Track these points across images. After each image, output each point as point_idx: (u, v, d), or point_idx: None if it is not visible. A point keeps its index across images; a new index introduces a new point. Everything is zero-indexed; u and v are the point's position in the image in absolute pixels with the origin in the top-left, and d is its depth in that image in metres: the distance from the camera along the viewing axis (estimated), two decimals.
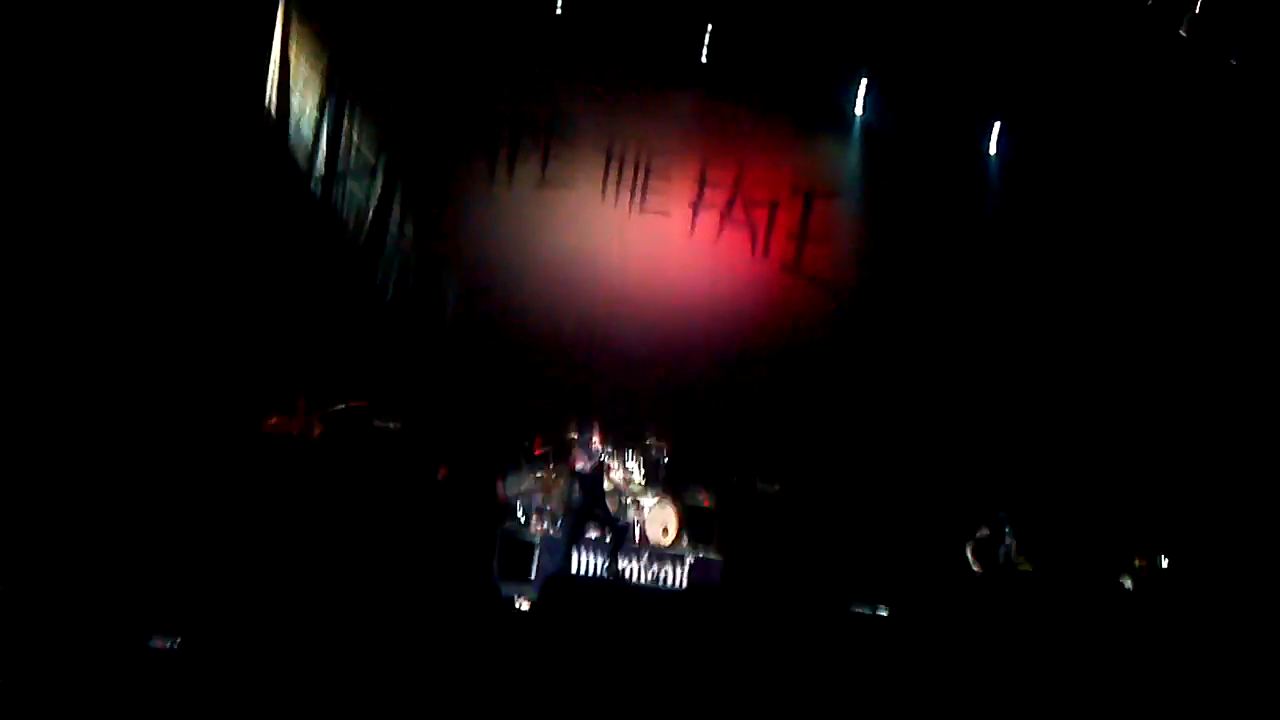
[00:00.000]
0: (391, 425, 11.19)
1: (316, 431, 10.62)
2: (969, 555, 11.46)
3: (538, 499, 11.72)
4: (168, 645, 6.51)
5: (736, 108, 13.45)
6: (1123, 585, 11.72)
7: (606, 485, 11.72)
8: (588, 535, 11.41)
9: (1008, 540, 11.49)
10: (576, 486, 11.15)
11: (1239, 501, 12.40)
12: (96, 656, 5.99)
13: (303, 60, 11.96)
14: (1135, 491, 12.72)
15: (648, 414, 12.65)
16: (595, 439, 11.37)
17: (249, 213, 11.33)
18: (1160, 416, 12.98)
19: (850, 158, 13.90)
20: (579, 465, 11.09)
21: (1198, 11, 11.19)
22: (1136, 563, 11.98)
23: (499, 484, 11.00)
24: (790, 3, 12.91)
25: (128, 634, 6.39)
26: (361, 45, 12.21)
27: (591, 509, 11.19)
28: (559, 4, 12.66)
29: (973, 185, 13.77)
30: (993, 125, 13.78)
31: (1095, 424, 13.00)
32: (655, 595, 10.45)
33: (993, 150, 13.83)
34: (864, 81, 13.63)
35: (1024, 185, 13.59)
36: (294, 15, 11.92)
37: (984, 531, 11.53)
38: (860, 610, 10.43)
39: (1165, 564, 11.97)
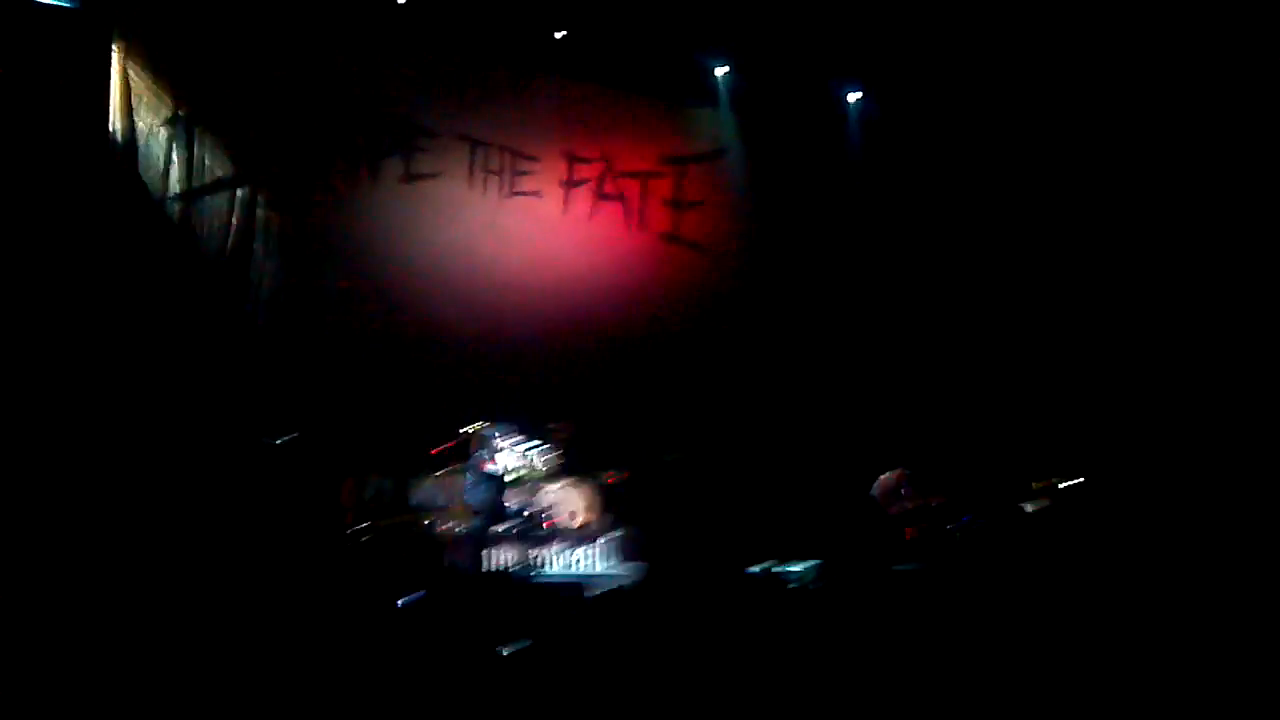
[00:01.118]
0: (280, 440, 10.83)
1: None
2: (878, 502, 11.61)
3: (439, 498, 11.46)
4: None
5: (598, 85, 13.40)
6: (1023, 510, 11.95)
7: (509, 477, 11.55)
8: (496, 531, 11.21)
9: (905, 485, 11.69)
10: (478, 484, 10.98)
11: (1126, 415, 12.74)
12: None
13: (144, 79, 11.42)
14: (1026, 417, 13.00)
15: (545, 400, 12.50)
16: (492, 434, 11.18)
17: (104, 240, 10.85)
18: (1035, 341, 13.29)
19: (718, 123, 13.98)
20: (485, 465, 10.92)
21: None
22: (1034, 485, 12.23)
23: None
24: None
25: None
26: (202, 58, 11.69)
27: (495, 505, 11.01)
28: None
29: (838, 140, 13.95)
30: (854, 86, 14.05)
31: (979, 357, 13.25)
32: (570, 584, 10.27)
33: (853, 107, 14.08)
34: (726, 49, 13.67)
35: (888, 138, 13.80)
36: (130, 35, 11.37)
37: (889, 479, 11.68)
38: (772, 570, 10.42)
39: (1063, 485, 12.23)
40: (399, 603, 8.72)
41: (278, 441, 10.71)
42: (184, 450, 10.41)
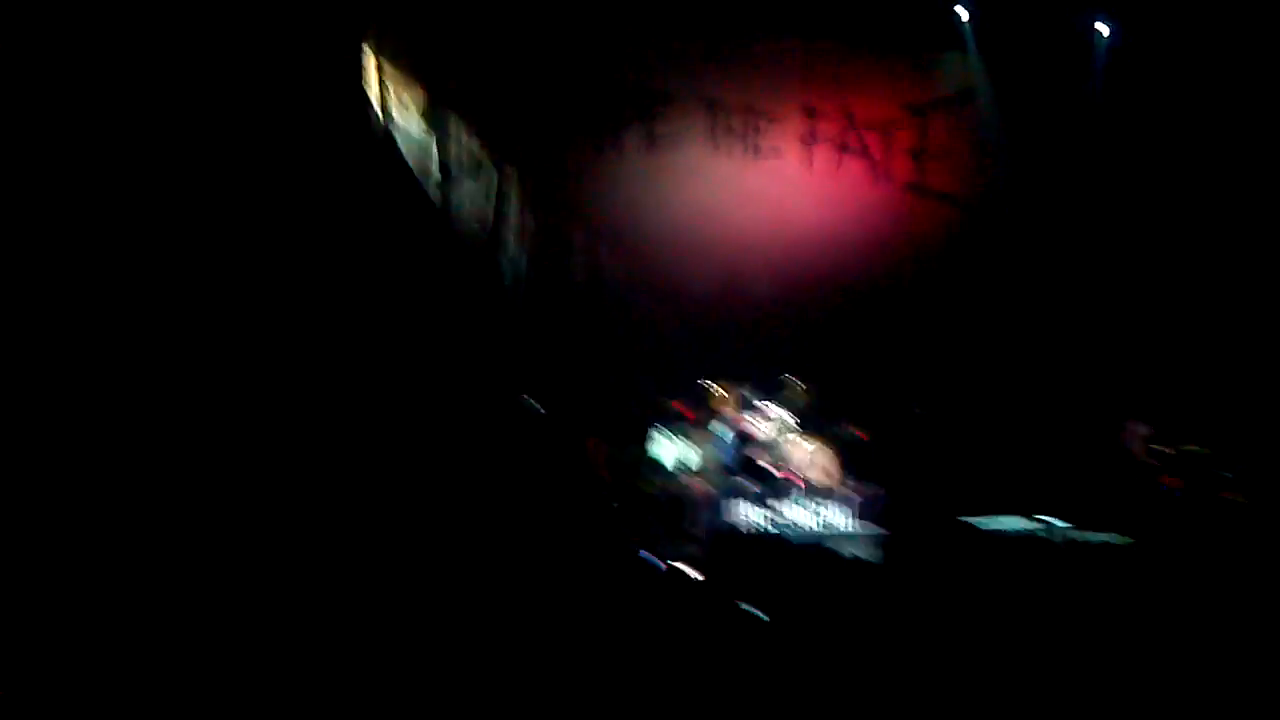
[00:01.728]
0: (536, 404, 11.35)
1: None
2: (1133, 452, 11.27)
3: (693, 459, 11.70)
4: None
5: (836, 39, 13.25)
6: None
7: (761, 436, 11.68)
8: (746, 489, 11.40)
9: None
10: (729, 443, 11.19)
11: None
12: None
13: (397, 69, 12.09)
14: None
15: (790, 357, 12.54)
16: (745, 395, 11.37)
17: (377, 226, 11.57)
18: None
19: (961, 68, 13.56)
20: (739, 424, 11.12)
21: None
22: None
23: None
24: None
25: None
26: (448, 44, 12.23)
27: (746, 463, 11.21)
28: None
29: (1087, 81, 13.29)
30: (1103, 24, 13.36)
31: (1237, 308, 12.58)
32: (820, 543, 10.37)
33: (1102, 44, 13.37)
34: None
35: (1138, 83, 13.14)
36: (382, 26, 12.02)
37: (1138, 427, 11.28)
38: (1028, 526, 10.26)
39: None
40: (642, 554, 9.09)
41: (531, 403, 11.24)
42: (455, 417, 11.03)
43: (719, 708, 6.03)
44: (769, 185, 13.30)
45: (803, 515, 11.16)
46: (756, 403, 11.94)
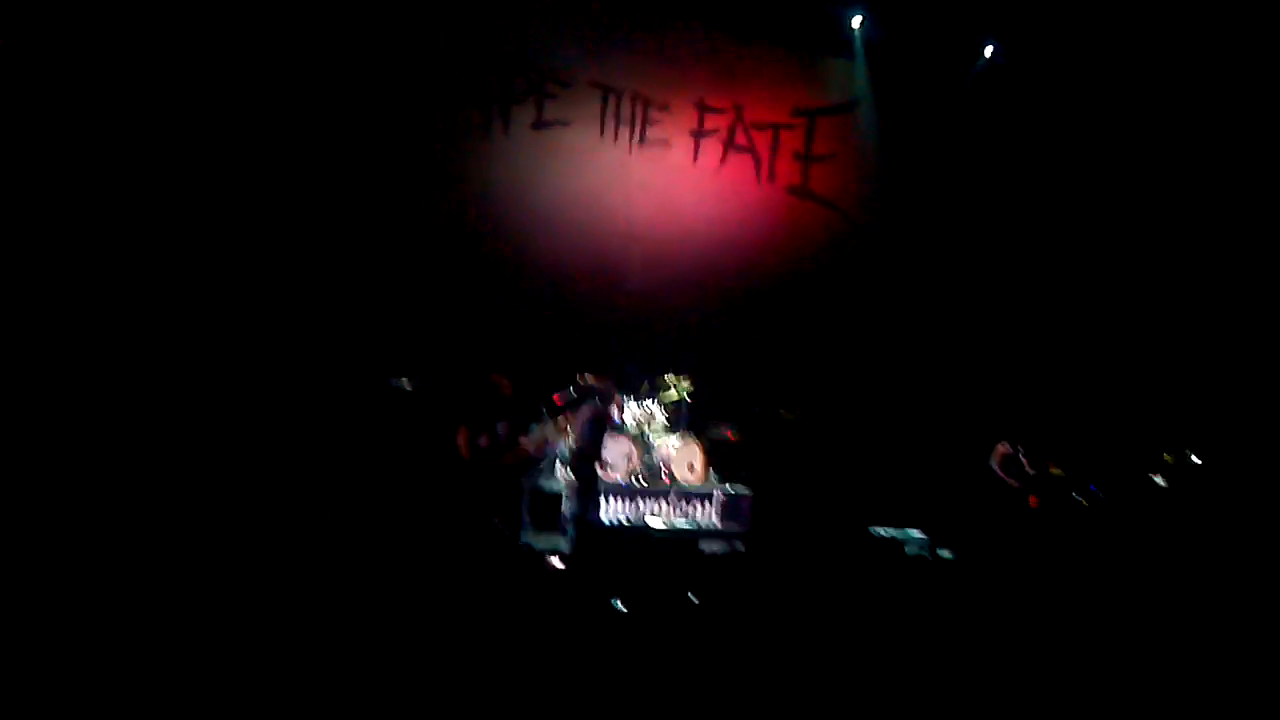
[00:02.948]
0: (406, 384, 11.09)
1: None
2: (997, 471, 11.49)
3: (560, 447, 11.55)
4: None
5: (732, 35, 13.18)
6: (1155, 482, 11.70)
7: (628, 426, 11.69)
8: (609, 482, 11.34)
9: (1023, 452, 11.54)
10: (595, 433, 11.08)
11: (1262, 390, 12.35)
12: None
13: None
14: (1157, 388, 12.67)
15: (666, 351, 12.51)
16: (600, 385, 11.28)
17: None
18: (1171, 309, 12.98)
19: (850, 76, 13.66)
20: (603, 414, 11.01)
21: None
22: (1166, 458, 11.94)
23: (522, 439, 10.87)
24: None
25: None
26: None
27: (590, 456, 11.15)
28: None
29: (967, 98, 13.54)
30: (986, 43, 13.61)
31: (1110, 327, 12.89)
32: (681, 538, 10.36)
33: (985, 64, 13.65)
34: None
35: (1019, 98, 13.40)
36: None
37: (1005, 447, 11.50)
38: (884, 534, 10.40)
39: (1195, 459, 11.93)
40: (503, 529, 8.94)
41: (401, 384, 10.99)
42: (323, 397, 10.90)
43: (574, 695, 5.96)
44: (655, 176, 13.20)
45: (667, 511, 11.33)
46: (626, 397, 11.89)
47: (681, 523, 11.24)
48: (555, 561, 9.38)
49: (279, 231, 11.33)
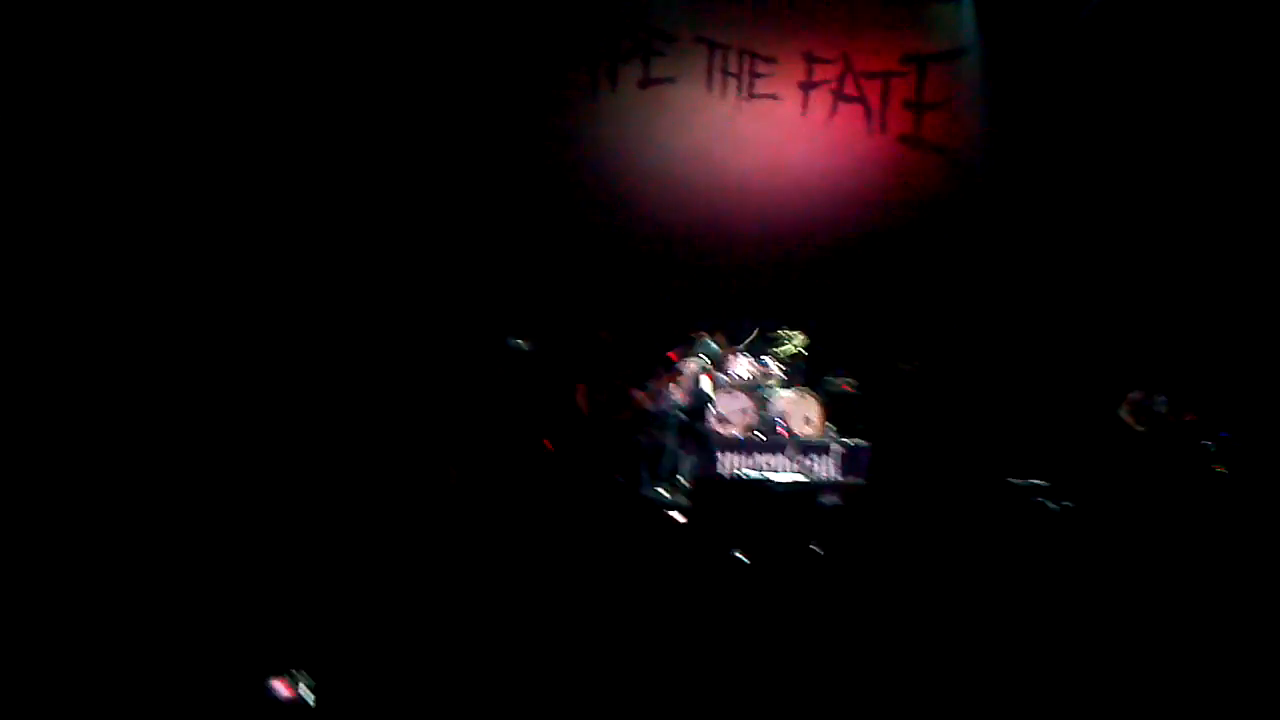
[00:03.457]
0: (523, 344, 11.24)
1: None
2: (1126, 418, 11.23)
3: (675, 402, 11.65)
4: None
5: None
6: None
7: (741, 379, 11.78)
8: (727, 436, 11.37)
9: (1160, 399, 11.23)
10: (710, 391, 11.16)
11: None
12: None
13: None
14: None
15: (781, 305, 12.52)
16: (708, 341, 11.43)
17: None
18: None
19: (960, 19, 13.33)
20: (723, 371, 11.11)
21: None
22: None
23: (638, 394, 10.95)
24: None
25: None
26: None
27: (701, 410, 11.19)
28: None
29: (1083, 36, 13.00)
30: None
31: (1245, 272, 12.42)
32: (800, 491, 10.38)
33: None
34: None
35: (1139, 33, 12.80)
36: None
37: (1136, 394, 11.23)
38: (1018, 483, 10.19)
39: None
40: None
41: (518, 345, 11.16)
42: (447, 358, 11.18)
43: (700, 649, 5.93)
44: (763, 130, 13.14)
45: (785, 463, 11.30)
46: (742, 351, 11.99)
47: (799, 476, 11.19)
48: (675, 515, 9.42)
49: (394, 195, 11.61)
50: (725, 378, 11.81)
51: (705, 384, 11.41)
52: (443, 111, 11.93)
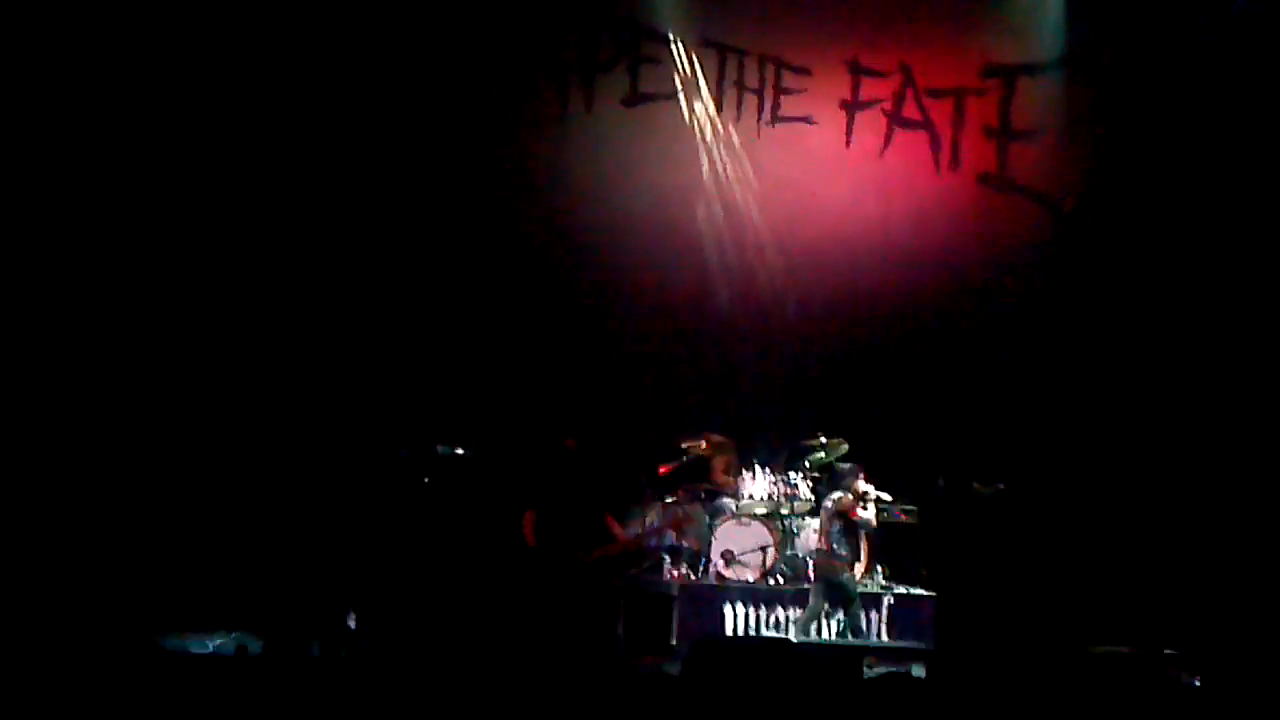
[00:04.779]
0: (458, 451, 11.34)
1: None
2: None
3: (670, 536, 11.80)
4: None
5: None
6: None
7: (759, 507, 11.94)
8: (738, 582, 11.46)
9: None
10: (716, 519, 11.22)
11: None
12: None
13: None
14: None
15: (812, 403, 12.70)
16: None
17: None
18: None
19: (1060, 21, 13.41)
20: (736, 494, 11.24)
21: None
22: None
23: (612, 522, 11.01)
24: None
25: None
26: None
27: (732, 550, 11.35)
28: None
29: (1222, 47, 13.09)
30: None
31: None
32: (838, 657, 10.35)
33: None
34: None
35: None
36: None
37: None
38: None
39: None
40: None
41: (450, 452, 11.26)
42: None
43: None
44: (794, 164, 13.29)
45: (817, 619, 11.27)
46: (762, 466, 12.13)
47: (834, 635, 11.23)
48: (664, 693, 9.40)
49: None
50: (735, 503, 11.92)
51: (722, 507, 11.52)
52: (352, 134, 12.17)
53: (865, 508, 11.33)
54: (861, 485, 11.43)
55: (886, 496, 11.69)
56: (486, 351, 12.39)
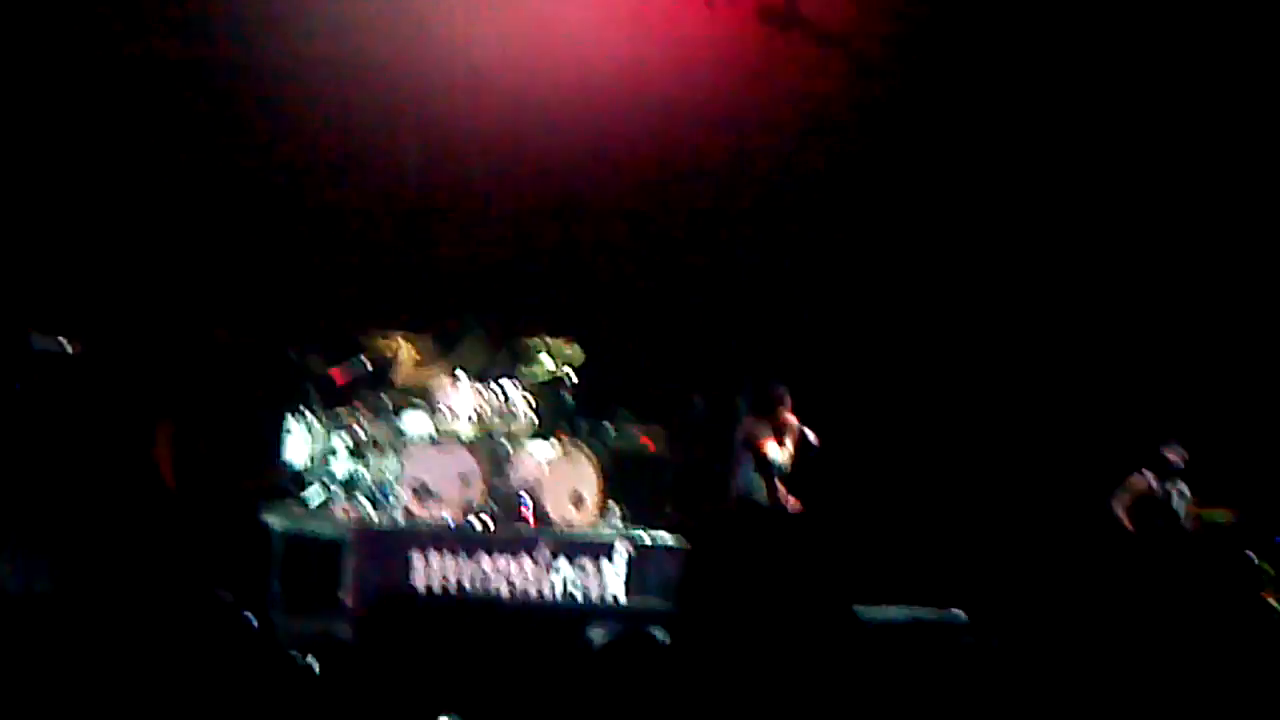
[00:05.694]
0: (64, 345, 11.00)
1: None
2: (1122, 518, 11.93)
3: (349, 464, 11.76)
4: None
5: None
6: None
7: (459, 427, 11.88)
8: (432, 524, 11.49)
9: (1179, 489, 11.91)
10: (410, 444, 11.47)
11: None
12: None
13: None
14: None
15: (533, 296, 12.83)
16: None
17: None
18: None
19: None
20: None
21: None
22: None
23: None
24: None
25: None
26: None
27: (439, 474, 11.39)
28: None
29: None
30: None
31: None
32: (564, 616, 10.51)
33: None
34: None
35: None
36: None
37: (1144, 481, 11.88)
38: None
39: None
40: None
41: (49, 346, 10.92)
42: None
43: None
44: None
45: (532, 572, 11.37)
46: (467, 374, 12.03)
47: (555, 592, 11.36)
48: (315, 664, 9.30)
49: None
50: (431, 419, 11.93)
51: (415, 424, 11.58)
52: None
53: (783, 443, 11.43)
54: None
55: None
56: (101, 208, 12.17)
